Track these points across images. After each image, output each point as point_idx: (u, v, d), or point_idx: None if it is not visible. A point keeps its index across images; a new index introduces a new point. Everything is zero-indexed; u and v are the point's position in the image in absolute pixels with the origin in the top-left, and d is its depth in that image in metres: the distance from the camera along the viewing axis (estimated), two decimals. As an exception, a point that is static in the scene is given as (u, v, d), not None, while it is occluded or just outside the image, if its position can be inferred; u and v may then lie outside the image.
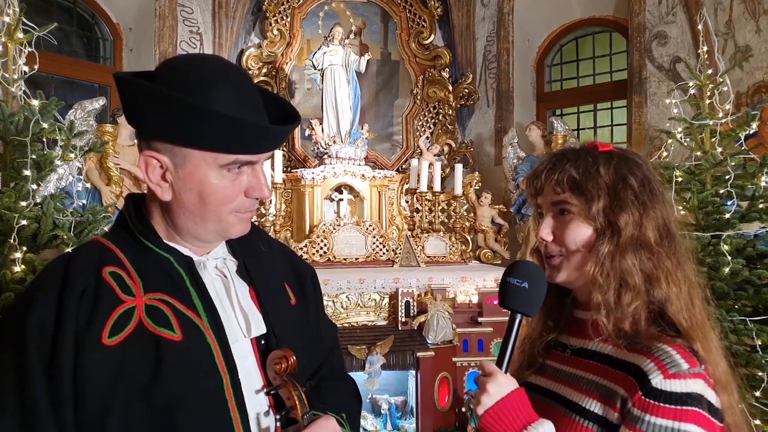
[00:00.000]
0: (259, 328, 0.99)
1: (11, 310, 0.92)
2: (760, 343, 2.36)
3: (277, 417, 0.92)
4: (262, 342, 0.99)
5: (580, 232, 0.99)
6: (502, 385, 0.93)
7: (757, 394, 2.33)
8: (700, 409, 0.85)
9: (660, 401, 0.85)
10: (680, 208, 2.80)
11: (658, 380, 0.86)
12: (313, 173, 4.05)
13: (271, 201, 4.01)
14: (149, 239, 0.95)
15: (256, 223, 1.19)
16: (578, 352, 1.03)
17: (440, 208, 4.42)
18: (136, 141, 3.54)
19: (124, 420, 0.82)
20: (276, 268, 1.10)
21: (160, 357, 0.86)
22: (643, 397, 0.86)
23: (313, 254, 3.77)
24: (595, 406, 0.92)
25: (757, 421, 2.33)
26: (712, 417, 0.86)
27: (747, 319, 2.42)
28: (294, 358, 0.94)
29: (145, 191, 0.99)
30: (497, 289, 4.04)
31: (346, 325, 3.37)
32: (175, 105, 0.84)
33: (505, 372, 0.96)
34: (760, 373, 2.36)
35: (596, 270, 0.96)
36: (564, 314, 1.10)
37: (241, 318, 0.97)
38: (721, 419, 0.87)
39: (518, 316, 0.99)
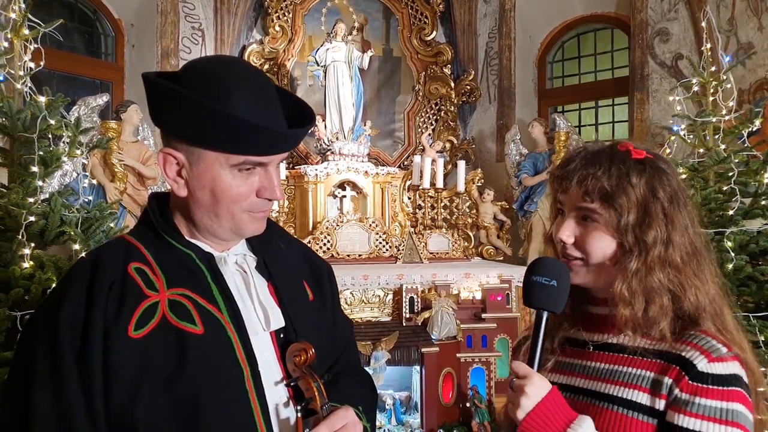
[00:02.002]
0: (278, 321, 1.01)
1: (43, 306, 0.94)
2: (763, 339, 2.38)
3: (298, 408, 0.94)
4: (281, 336, 1.01)
5: (605, 243, 0.98)
6: (539, 387, 0.93)
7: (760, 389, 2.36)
8: (742, 388, 0.90)
9: (708, 383, 0.89)
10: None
11: (703, 364, 0.90)
12: (316, 170, 4.06)
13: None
14: (172, 236, 0.98)
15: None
16: (602, 347, 1.03)
17: (443, 204, 4.43)
18: (139, 137, 3.51)
19: (150, 411, 0.85)
20: (294, 264, 1.12)
21: (183, 350, 0.88)
22: (690, 382, 0.90)
23: (317, 251, 3.77)
24: (642, 398, 0.93)
25: (759, 416, 2.35)
26: (750, 396, 0.90)
27: (750, 315, 2.45)
28: (313, 351, 0.96)
29: (149, 189, 1.02)
30: (500, 285, 4.02)
31: (350, 321, 3.39)
32: (188, 105, 0.88)
33: (537, 371, 0.96)
34: (762, 369, 2.38)
35: (624, 287, 0.95)
36: (578, 310, 1.09)
37: (260, 312, 0.99)
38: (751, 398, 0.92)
39: (545, 314, 0.98)
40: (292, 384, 0.98)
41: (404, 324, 3.41)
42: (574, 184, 0.99)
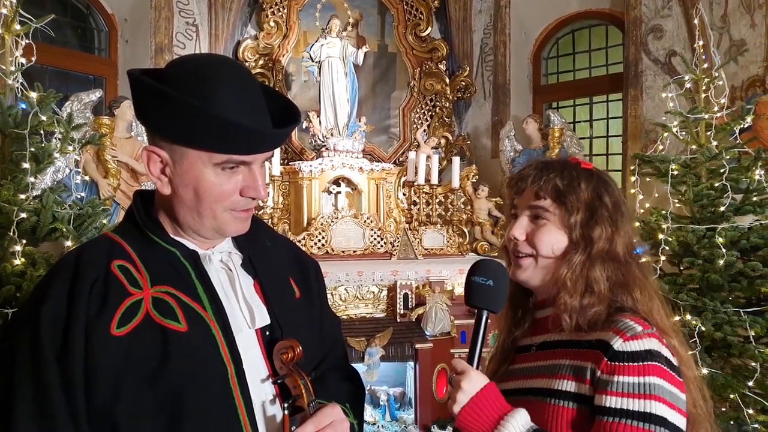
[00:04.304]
0: (264, 319, 1.01)
1: (25, 304, 0.94)
2: (753, 334, 2.40)
3: (285, 405, 0.94)
4: (267, 333, 1.01)
5: (556, 239, 1.07)
6: (474, 381, 0.98)
7: (750, 384, 2.38)
8: (659, 363, 0.93)
9: (623, 361, 0.93)
10: (676, 201, 2.84)
11: (618, 344, 0.95)
12: (310, 166, 4.05)
13: (268, 193, 4.00)
14: (156, 234, 0.98)
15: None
16: (542, 346, 1.09)
17: (437, 200, 4.43)
18: (132, 133, 3.50)
19: (133, 409, 0.84)
20: (280, 262, 1.12)
21: (167, 347, 0.88)
22: (608, 362, 0.94)
23: (311, 247, 3.77)
24: (568, 385, 0.98)
25: (750, 410, 2.37)
26: (671, 371, 0.94)
27: (741, 310, 2.47)
28: (300, 348, 0.96)
29: (142, 185, 1.02)
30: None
31: (345, 317, 3.39)
32: (171, 103, 0.87)
33: (476, 368, 1.01)
34: (753, 364, 2.41)
35: (568, 274, 1.04)
36: (527, 318, 1.18)
37: (245, 309, 0.99)
38: (679, 374, 0.96)
39: (485, 314, 1.04)
40: (278, 381, 0.98)
41: (398, 320, 3.42)
42: (529, 185, 1.09)
